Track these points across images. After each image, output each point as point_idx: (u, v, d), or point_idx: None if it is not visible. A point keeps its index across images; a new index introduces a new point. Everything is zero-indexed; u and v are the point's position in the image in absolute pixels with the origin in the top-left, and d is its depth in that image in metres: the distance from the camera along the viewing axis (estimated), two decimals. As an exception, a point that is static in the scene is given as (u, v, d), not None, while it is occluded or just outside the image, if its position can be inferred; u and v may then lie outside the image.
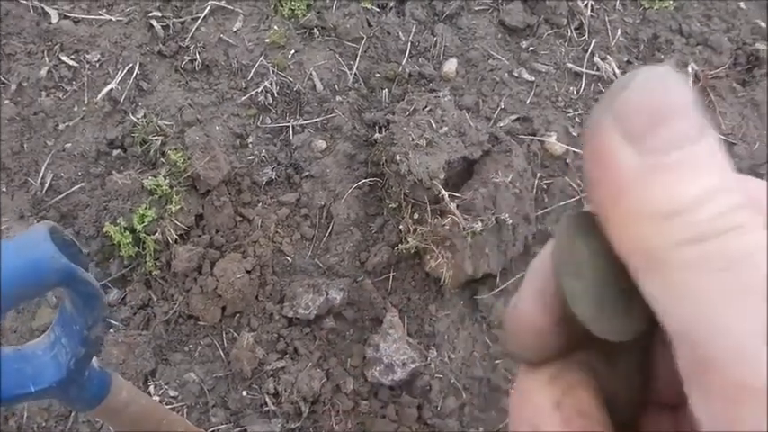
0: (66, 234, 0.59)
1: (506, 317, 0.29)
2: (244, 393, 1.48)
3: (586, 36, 1.92)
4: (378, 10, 1.93)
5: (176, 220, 1.55)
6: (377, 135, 1.72)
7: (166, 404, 1.43)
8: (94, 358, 0.70)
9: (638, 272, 0.23)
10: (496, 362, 1.59)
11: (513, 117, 1.80)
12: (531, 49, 1.89)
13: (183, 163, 1.59)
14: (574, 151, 1.77)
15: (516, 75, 1.85)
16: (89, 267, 1.07)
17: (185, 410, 1.44)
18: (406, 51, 1.87)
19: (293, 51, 1.85)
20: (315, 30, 1.88)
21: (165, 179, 1.56)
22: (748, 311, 0.20)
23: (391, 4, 1.94)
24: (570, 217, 0.27)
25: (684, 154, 0.22)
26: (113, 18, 1.86)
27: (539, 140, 1.77)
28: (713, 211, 0.21)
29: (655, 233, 0.22)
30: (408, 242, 1.59)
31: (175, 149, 1.64)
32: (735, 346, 0.20)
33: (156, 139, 1.70)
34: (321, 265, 1.64)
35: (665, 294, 0.22)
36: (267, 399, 1.47)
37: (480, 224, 1.57)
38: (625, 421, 0.29)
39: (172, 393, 1.46)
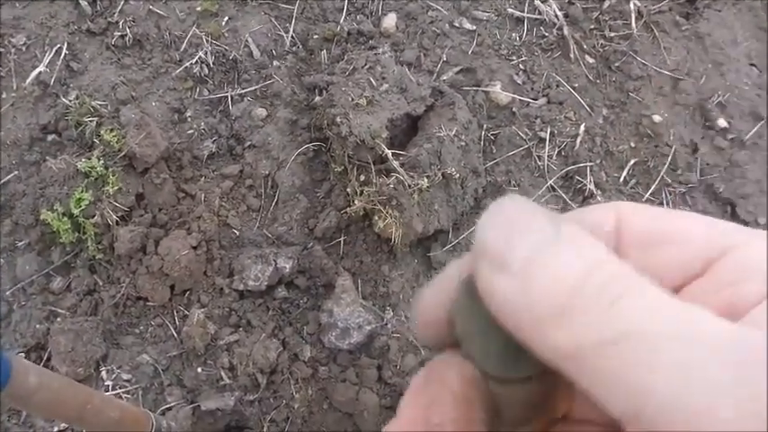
0: None
1: (416, 302, 0.32)
2: (199, 370, 1.46)
3: (527, -21, 1.87)
4: (311, -31, 1.87)
5: (115, 201, 1.51)
6: (317, 98, 1.68)
7: (120, 388, 1.41)
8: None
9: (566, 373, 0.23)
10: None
11: (456, 69, 1.76)
12: (470, -3, 1.84)
13: (117, 142, 1.55)
14: (520, 99, 1.74)
15: (457, 25, 1.81)
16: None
17: (140, 393, 1.42)
18: (343, 9, 1.82)
19: (227, 18, 1.79)
20: (247, -6, 1.81)
21: (100, 160, 1.51)
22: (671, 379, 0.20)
23: (325, -39, 1.88)
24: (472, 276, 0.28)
25: (544, 258, 0.24)
26: (36, -2, 1.79)
27: (483, 91, 1.74)
28: (591, 296, 0.22)
29: (554, 338, 0.23)
30: (356, 204, 1.56)
31: (110, 129, 1.59)
32: (684, 419, 0.20)
33: (91, 121, 1.64)
34: (269, 235, 1.61)
35: (594, 387, 0.22)
36: (222, 373, 1.45)
37: (426, 180, 1.54)
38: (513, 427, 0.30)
39: (125, 377, 1.44)
